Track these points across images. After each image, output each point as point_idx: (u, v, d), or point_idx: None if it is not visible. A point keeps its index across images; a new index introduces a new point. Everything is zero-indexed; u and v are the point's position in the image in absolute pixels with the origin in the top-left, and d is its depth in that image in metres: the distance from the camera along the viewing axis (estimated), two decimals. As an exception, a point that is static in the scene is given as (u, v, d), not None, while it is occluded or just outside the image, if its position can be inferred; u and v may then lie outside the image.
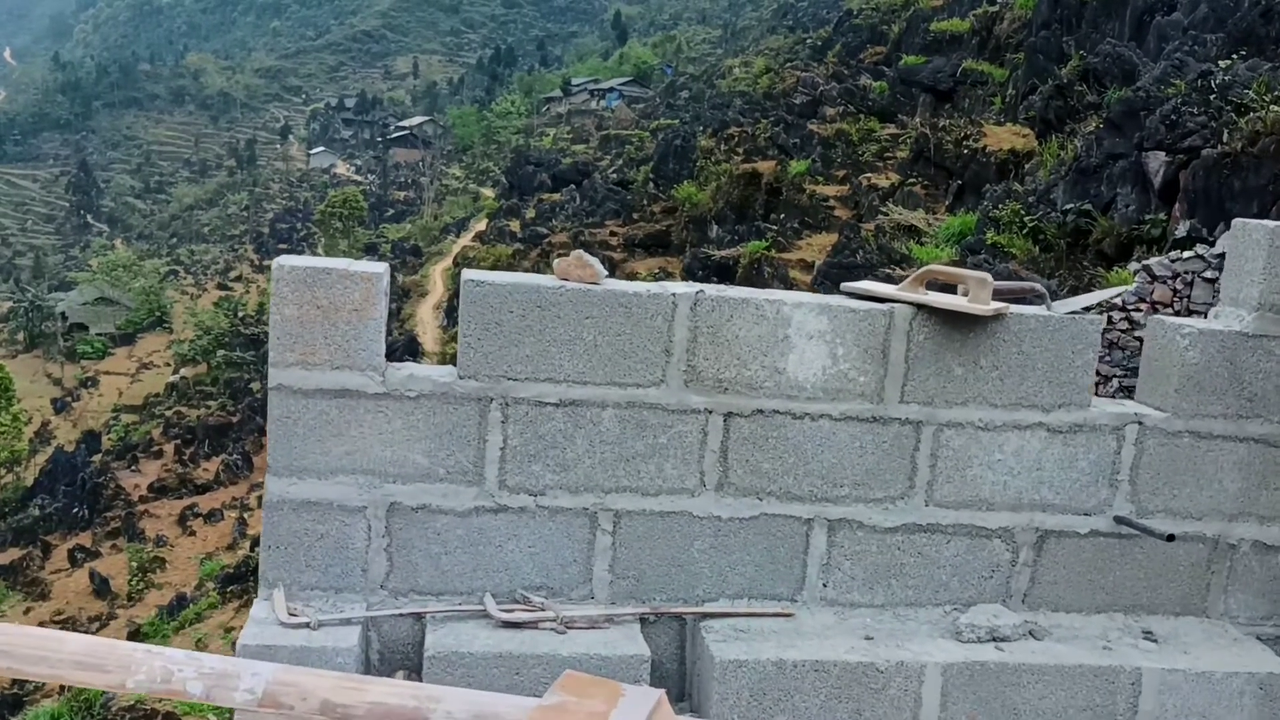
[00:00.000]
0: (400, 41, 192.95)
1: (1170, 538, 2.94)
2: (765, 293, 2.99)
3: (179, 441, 47.93)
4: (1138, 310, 18.21)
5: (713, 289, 2.96)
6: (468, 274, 2.91)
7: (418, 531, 2.93)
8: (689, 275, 40.32)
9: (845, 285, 3.09)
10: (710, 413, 2.97)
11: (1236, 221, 3.22)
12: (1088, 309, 3.05)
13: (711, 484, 3.02)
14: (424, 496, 2.93)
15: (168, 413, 53.92)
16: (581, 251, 2.88)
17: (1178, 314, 17.71)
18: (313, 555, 2.90)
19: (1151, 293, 18.14)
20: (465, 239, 72.72)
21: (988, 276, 2.90)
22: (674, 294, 2.91)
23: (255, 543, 34.85)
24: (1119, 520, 3.15)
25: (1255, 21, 28.58)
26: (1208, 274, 17.70)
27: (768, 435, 3.01)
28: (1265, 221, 3.16)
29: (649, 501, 3.01)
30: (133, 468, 46.69)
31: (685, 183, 48.05)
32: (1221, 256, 17.50)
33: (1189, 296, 18.07)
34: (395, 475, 2.92)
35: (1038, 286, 3.06)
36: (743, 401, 2.98)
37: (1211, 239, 21.55)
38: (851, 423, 3.04)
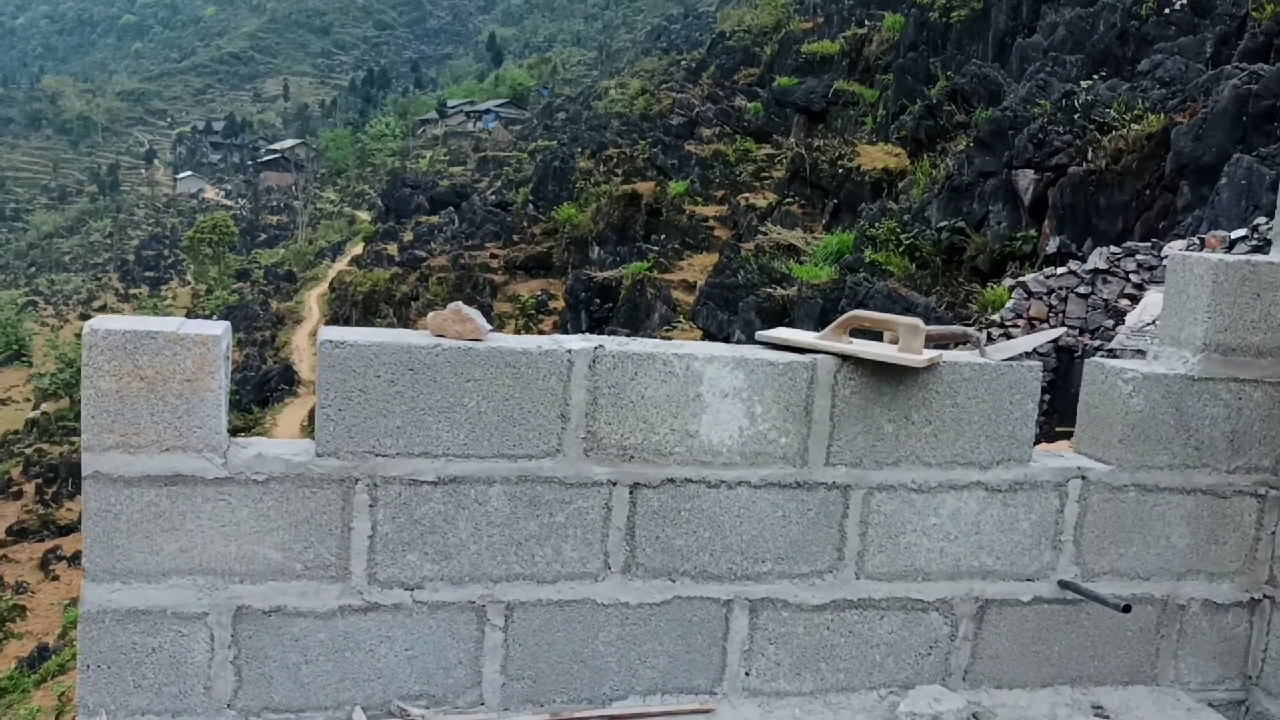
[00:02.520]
0: (269, 63, 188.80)
1: (1127, 609, 2.66)
2: (673, 345, 2.61)
3: (40, 481, 45.54)
4: (1015, 326, 18.42)
5: (613, 343, 2.58)
6: (324, 334, 2.47)
7: (271, 639, 2.47)
8: (571, 297, 39.99)
9: (760, 334, 2.74)
10: (614, 484, 2.58)
11: (1175, 255, 2.96)
12: (1025, 354, 2.75)
13: (617, 566, 2.63)
14: (278, 597, 2.47)
15: (28, 450, 51.22)
16: (460, 304, 2.47)
17: (1053, 329, 17.87)
18: (143, 674, 2.42)
19: (1028, 309, 18.40)
20: (341, 263, 71.23)
21: (919, 322, 2.58)
22: (569, 350, 2.52)
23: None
24: (1064, 585, 2.86)
25: (1112, 43, 29.60)
26: (1081, 289, 18.03)
27: (680, 507, 2.63)
28: (1207, 255, 2.91)
29: (546, 590, 2.60)
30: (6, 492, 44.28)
31: (565, 204, 47.82)
32: (1094, 272, 17.81)
33: (1064, 312, 18.38)
34: (243, 574, 2.45)
35: (970, 331, 2.76)
36: (651, 470, 2.60)
37: (1081, 254, 22.08)
38: (773, 489, 2.68)
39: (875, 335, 2.91)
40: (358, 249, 71.75)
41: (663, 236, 40.81)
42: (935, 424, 2.74)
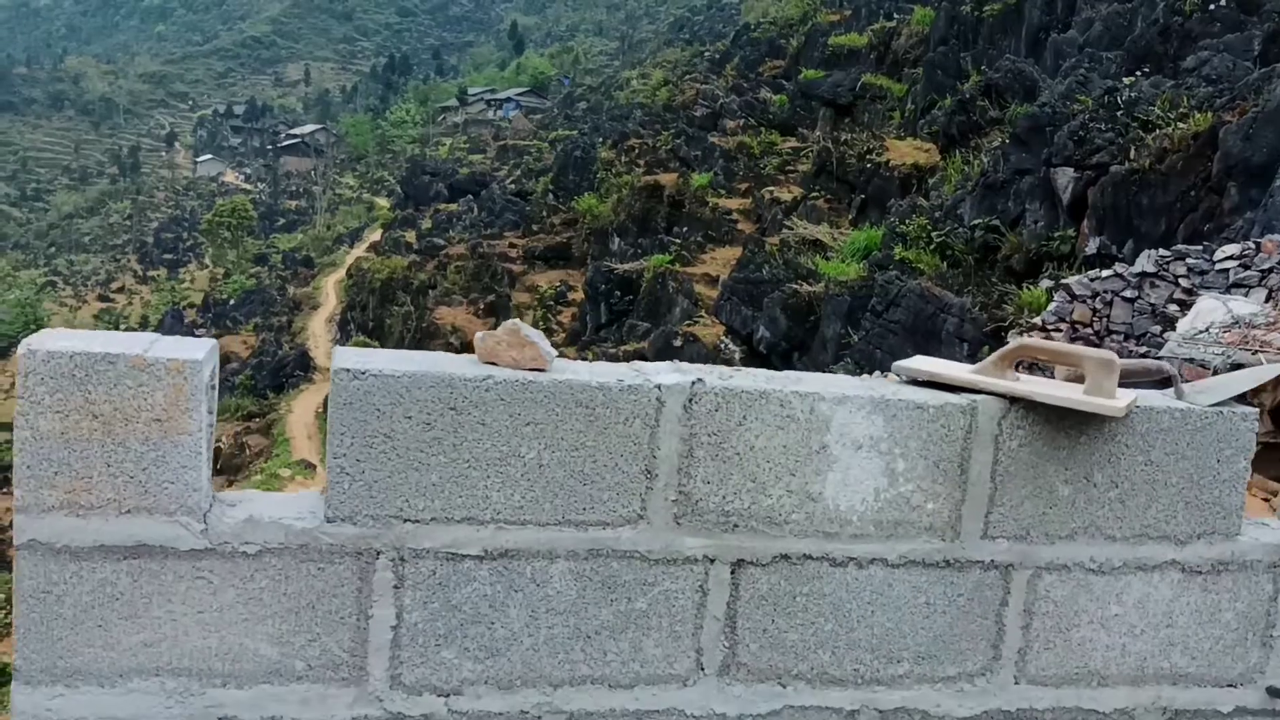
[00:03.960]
0: (291, 48, 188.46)
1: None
2: (790, 380, 2.00)
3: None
4: (1058, 330, 17.75)
5: (715, 377, 1.97)
6: (340, 359, 1.87)
7: (263, 760, 1.87)
8: (591, 288, 39.37)
9: (900, 365, 2.12)
10: (712, 561, 1.97)
11: None
12: (1239, 398, 2.13)
13: (712, 667, 2.02)
14: (272, 705, 1.87)
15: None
16: (518, 323, 1.86)
17: (1097, 334, 17.31)
18: (93, 805, 1.83)
19: (1071, 312, 17.70)
20: (359, 249, 70.75)
21: (1113, 357, 1.96)
22: (659, 386, 1.90)
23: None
24: (1275, 693, 2.24)
25: (1153, 39, 28.78)
26: (1126, 293, 17.32)
27: (795, 591, 2.02)
28: None
29: (620, 697, 1.99)
30: (4, 489, 43.90)
31: (586, 194, 47.21)
32: (1141, 275, 17.13)
33: (1108, 316, 17.69)
34: (226, 675, 1.85)
35: (1165, 366, 2.14)
36: (760, 544, 1.99)
37: (1122, 256, 21.36)
38: (915, 569, 2.07)
39: (1040, 369, 2.29)
40: (376, 235, 71.30)
41: (685, 229, 40.18)
42: (1123, 487, 2.12)
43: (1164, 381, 2.17)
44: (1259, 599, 2.22)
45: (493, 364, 1.93)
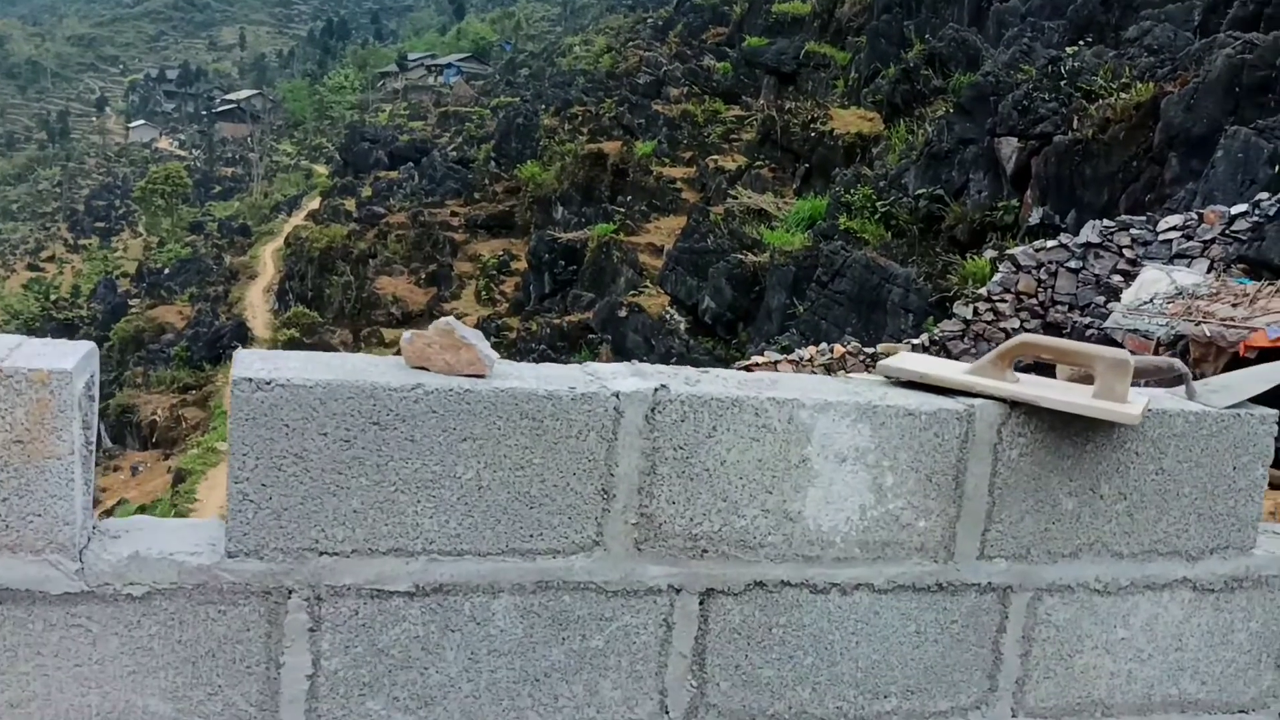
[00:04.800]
0: (225, 11, 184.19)
1: None
2: (765, 384, 1.75)
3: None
4: (1003, 301, 17.74)
5: (680, 382, 1.71)
6: (242, 364, 1.59)
7: (157, 833, 1.60)
8: (534, 258, 38.90)
9: (885, 365, 1.88)
10: (678, 591, 1.72)
11: None
12: (1257, 399, 1.91)
13: (679, 710, 1.78)
14: (167, 771, 1.60)
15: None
16: (451, 322, 1.59)
17: (1042, 304, 17.30)
18: None
19: (1016, 283, 17.70)
20: (297, 218, 69.39)
21: (1126, 356, 1.74)
22: (617, 394, 1.65)
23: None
24: (1289, 719, 2.05)
25: (1095, 9, 28.83)
26: (1071, 264, 17.33)
27: (771, 623, 1.78)
28: None
29: (574, 747, 1.74)
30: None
31: (528, 162, 46.58)
32: (1085, 246, 17.15)
33: (1053, 287, 17.71)
34: (110, 737, 1.58)
35: (1175, 363, 1.92)
36: (732, 570, 1.75)
37: (1064, 226, 21.41)
38: (904, 594, 1.83)
39: (1045, 369, 2.06)
40: (314, 204, 69.98)
41: (629, 198, 39.80)
42: (1131, 499, 1.90)
43: (1174, 380, 1.96)
44: (1274, 618, 2.02)
45: (423, 369, 1.65)
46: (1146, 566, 1.93)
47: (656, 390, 1.68)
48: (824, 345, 16.45)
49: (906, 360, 1.89)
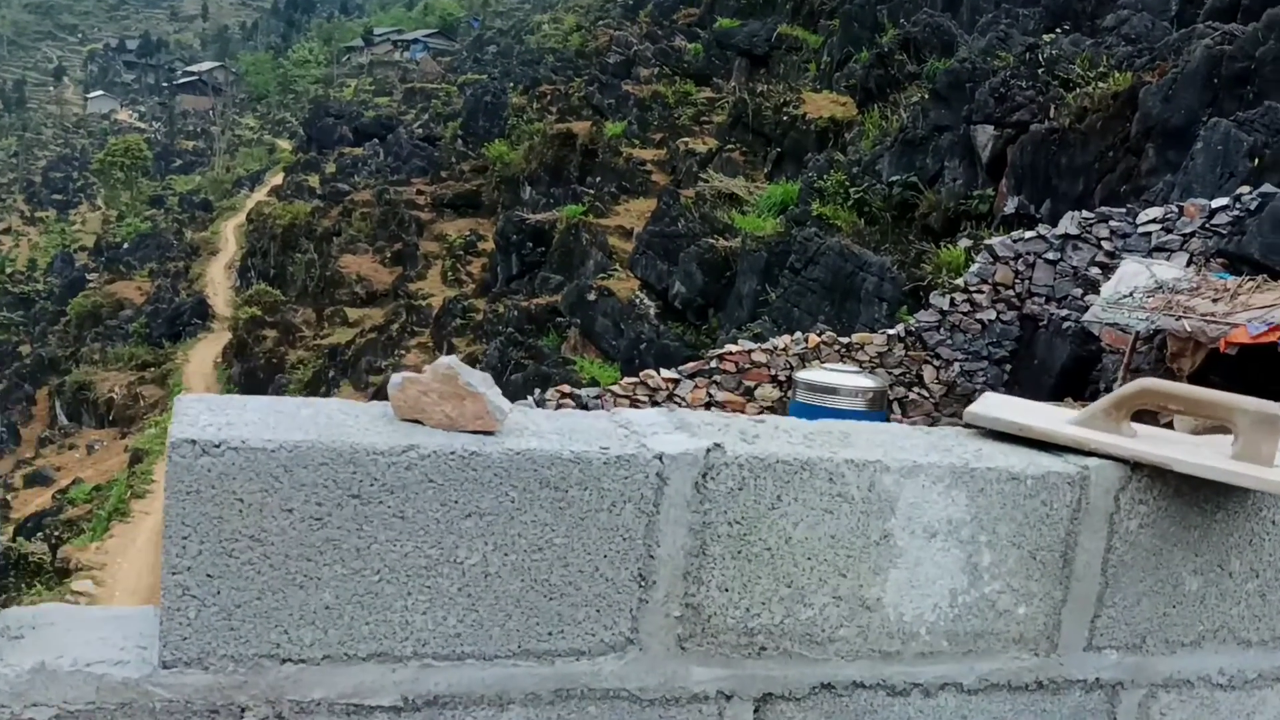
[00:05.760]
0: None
1: None
2: (840, 441, 1.41)
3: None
4: (979, 292, 17.52)
5: (736, 438, 1.37)
6: (183, 418, 1.22)
7: None
8: (501, 238, 38.35)
9: (975, 411, 1.55)
10: (729, 698, 1.38)
11: None
12: None
13: (726, 842, 1.43)
14: None
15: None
16: (453, 362, 1.24)
17: (1019, 296, 17.11)
18: None
19: (994, 274, 17.47)
20: (260, 193, 68.32)
21: (1275, 408, 1.41)
22: (660, 457, 1.30)
23: (19, 528, 31.17)
24: None
25: (1072, -3, 28.69)
26: (1049, 255, 17.13)
27: (840, 733, 1.44)
28: None
29: None
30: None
31: (496, 141, 45.93)
32: (1064, 237, 16.96)
33: (1030, 278, 17.50)
34: None
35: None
36: (795, 671, 1.41)
37: (1039, 216, 21.25)
38: (998, 694, 1.50)
39: (1150, 415, 1.74)
40: (277, 179, 68.97)
41: (598, 179, 39.32)
42: (1264, 576, 1.59)
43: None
44: None
45: (417, 422, 1.30)
46: (1276, 655, 1.62)
47: (709, 451, 1.34)
48: (798, 334, 16.17)
49: (999, 406, 1.56)
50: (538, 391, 15.02)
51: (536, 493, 1.28)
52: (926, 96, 26.19)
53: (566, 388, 15.15)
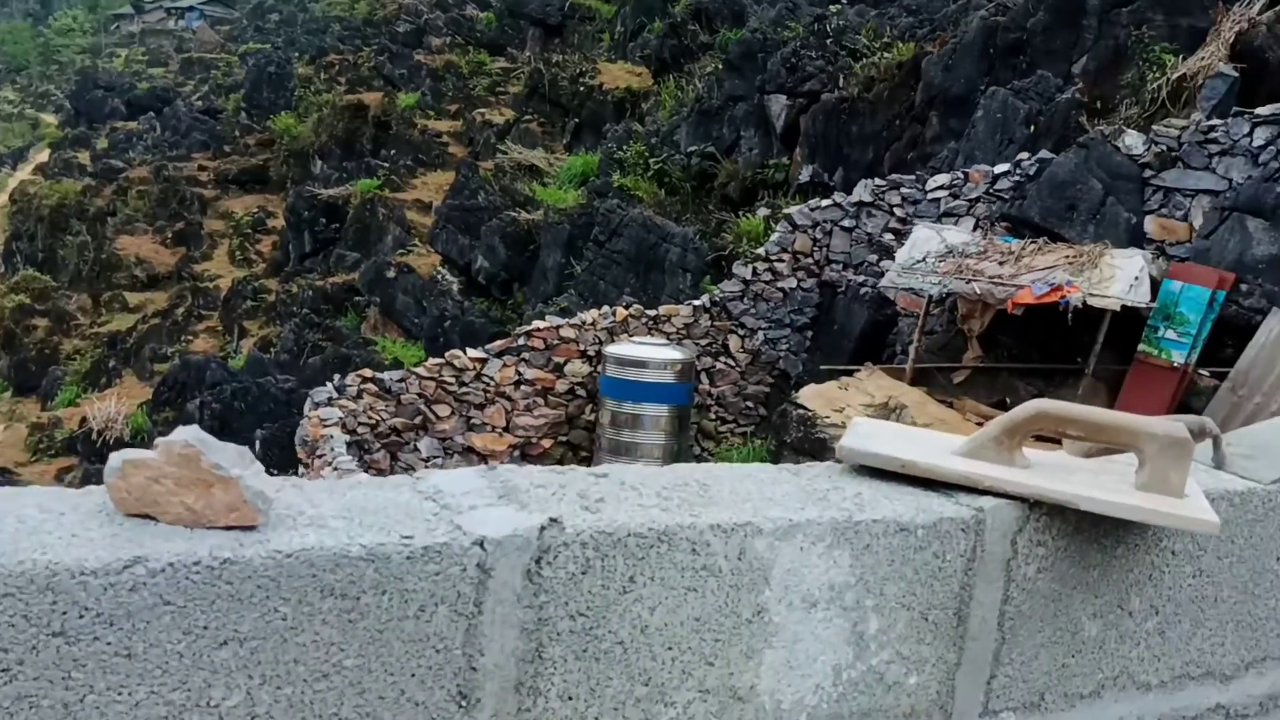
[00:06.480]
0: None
1: None
2: (697, 490, 1.15)
3: None
4: (780, 260, 17.77)
5: (576, 508, 1.08)
6: None
7: None
8: (292, 215, 36.71)
9: (849, 446, 1.31)
10: (575, 829, 1.10)
11: None
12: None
13: None
14: None
15: None
16: (194, 434, 0.89)
17: (818, 264, 17.42)
18: None
19: (793, 242, 17.75)
20: (24, 172, 63.40)
21: (1185, 432, 1.23)
22: (481, 541, 0.99)
23: None
24: None
25: (862, -35, 29.39)
26: (845, 223, 17.51)
27: None
28: None
29: None
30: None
31: (282, 113, 44.00)
32: (858, 205, 17.36)
33: (828, 246, 17.86)
34: None
35: (1207, 422, 1.43)
36: (654, 786, 1.13)
37: (833, 184, 21.73)
38: (887, 779, 1.27)
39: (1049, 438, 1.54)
40: (43, 156, 64.17)
41: (393, 152, 38.16)
42: (1164, 613, 1.42)
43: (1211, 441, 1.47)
44: (1309, 739, 1.59)
45: (147, 518, 0.96)
46: (1175, 698, 1.46)
47: (544, 529, 1.04)
48: (606, 308, 16.01)
49: (874, 438, 1.33)
50: (337, 377, 14.35)
51: (317, 605, 0.97)
52: (720, 67, 26.43)
53: (368, 371, 14.52)
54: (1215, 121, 13.37)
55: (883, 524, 1.21)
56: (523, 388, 14.64)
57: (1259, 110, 12.94)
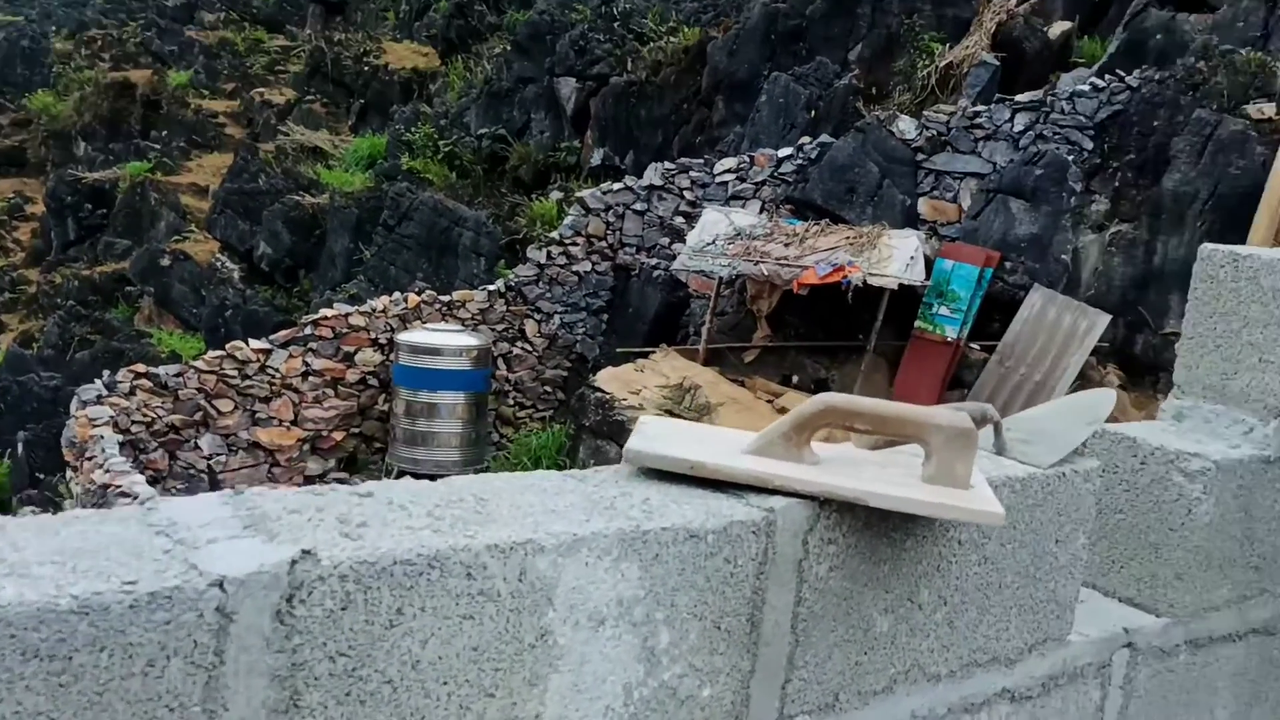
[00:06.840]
0: None
1: None
2: (473, 505, 1.05)
3: None
4: (574, 244, 17.75)
5: (334, 534, 0.96)
6: None
7: None
8: (53, 200, 34.30)
9: (636, 448, 1.24)
10: None
11: (1206, 249, 1.78)
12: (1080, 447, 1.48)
13: None
14: None
15: None
16: None
17: (611, 247, 17.50)
18: None
19: (587, 225, 17.76)
20: None
21: (969, 423, 1.22)
22: (221, 582, 0.87)
23: None
24: (1097, 827, 1.68)
25: (633, -50, 29.60)
26: (637, 206, 17.65)
27: None
28: (1269, 252, 1.74)
29: None
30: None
31: (40, 91, 41.16)
32: (649, 188, 17.51)
33: (621, 229, 17.96)
34: None
35: (988, 409, 1.44)
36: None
37: (624, 167, 21.87)
38: (682, 798, 1.22)
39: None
40: None
41: (164, 133, 36.16)
42: (952, 603, 1.41)
43: (992, 428, 1.47)
44: (1086, 712, 1.63)
45: None
46: (964, 686, 1.46)
47: (295, 564, 0.93)
48: (397, 295, 15.61)
49: (662, 438, 1.26)
50: (106, 373, 13.46)
51: (18, 670, 0.82)
52: (509, 48, 26.18)
53: (141, 366, 13.68)
54: (980, 108, 14.09)
55: (672, 532, 1.15)
56: (311, 379, 14.10)
57: (1018, 97, 13.73)
